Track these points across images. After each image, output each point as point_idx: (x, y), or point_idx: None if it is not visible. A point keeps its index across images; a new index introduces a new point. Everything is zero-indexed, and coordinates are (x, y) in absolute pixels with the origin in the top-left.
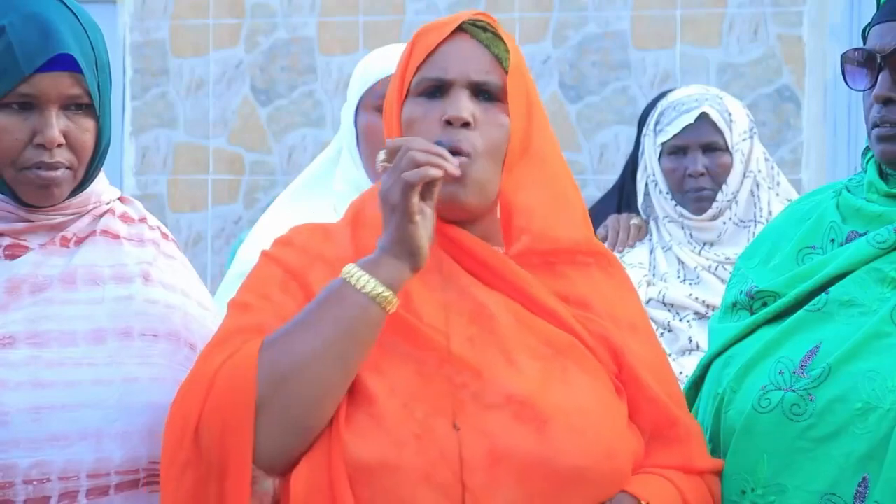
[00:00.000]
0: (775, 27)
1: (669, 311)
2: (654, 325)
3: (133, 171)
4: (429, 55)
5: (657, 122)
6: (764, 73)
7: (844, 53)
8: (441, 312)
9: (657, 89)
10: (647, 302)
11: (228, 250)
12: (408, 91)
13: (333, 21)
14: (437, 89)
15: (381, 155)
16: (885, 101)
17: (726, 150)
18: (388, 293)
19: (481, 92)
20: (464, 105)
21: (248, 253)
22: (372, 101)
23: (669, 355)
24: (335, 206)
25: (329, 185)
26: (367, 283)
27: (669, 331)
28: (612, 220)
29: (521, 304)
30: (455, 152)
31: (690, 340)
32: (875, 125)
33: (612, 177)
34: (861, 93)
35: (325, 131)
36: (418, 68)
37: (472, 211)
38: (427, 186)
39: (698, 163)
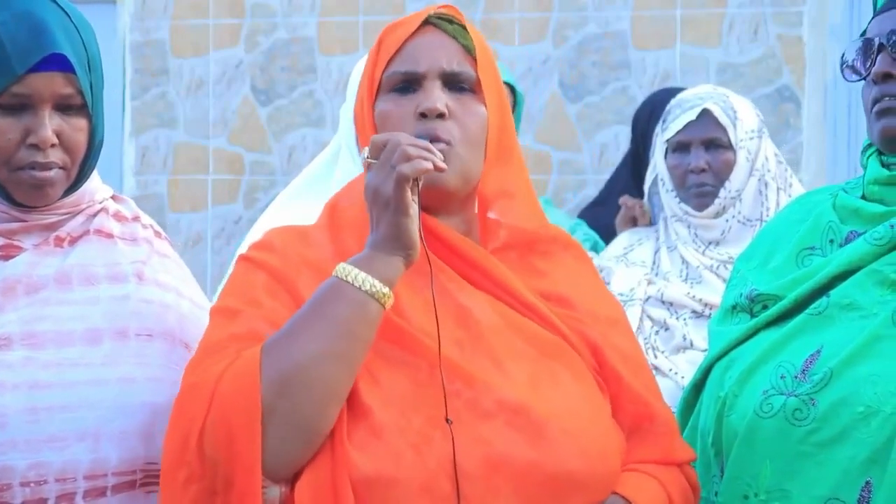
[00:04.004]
0: (775, 27)
1: (668, 309)
2: (650, 324)
3: (133, 171)
4: (398, 50)
5: (663, 121)
6: (764, 73)
7: (844, 51)
8: (428, 315)
9: (657, 89)
10: (646, 300)
11: (229, 250)
12: (378, 88)
13: (333, 21)
14: (410, 83)
15: (366, 152)
16: (884, 77)
17: (729, 146)
18: (385, 289)
19: (454, 83)
20: (437, 96)
21: None
22: None
23: (663, 353)
24: None
25: (328, 184)
26: (365, 280)
27: (666, 329)
28: (629, 199)
29: (506, 302)
30: (434, 140)
31: (685, 338)
32: (875, 101)
33: None
34: (861, 95)
35: (325, 131)
36: (388, 64)
37: (452, 196)
38: (414, 181)
39: (700, 158)
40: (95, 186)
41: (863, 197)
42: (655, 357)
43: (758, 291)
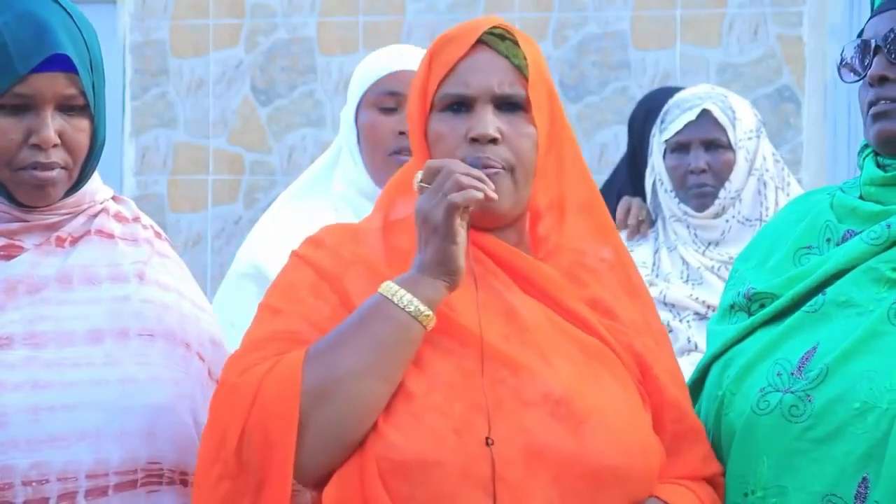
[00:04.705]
0: (775, 27)
1: (670, 311)
2: None
3: (133, 171)
4: (450, 70)
5: (662, 121)
6: (764, 73)
7: (841, 52)
8: (476, 310)
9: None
10: None
11: (229, 250)
12: (431, 105)
13: (333, 21)
14: (461, 105)
15: (419, 175)
16: (881, 80)
17: (729, 147)
18: (429, 312)
19: (505, 104)
20: (489, 121)
21: (246, 253)
22: (373, 99)
23: None
24: (335, 207)
25: (328, 185)
26: (410, 301)
27: (669, 331)
28: (624, 203)
29: (553, 309)
30: (487, 167)
31: (689, 341)
32: (871, 104)
33: None
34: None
35: (325, 131)
36: (439, 84)
37: (505, 219)
38: (464, 209)
39: (700, 159)
40: (96, 187)
41: (860, 197)
42: None
43: (755, 290)
